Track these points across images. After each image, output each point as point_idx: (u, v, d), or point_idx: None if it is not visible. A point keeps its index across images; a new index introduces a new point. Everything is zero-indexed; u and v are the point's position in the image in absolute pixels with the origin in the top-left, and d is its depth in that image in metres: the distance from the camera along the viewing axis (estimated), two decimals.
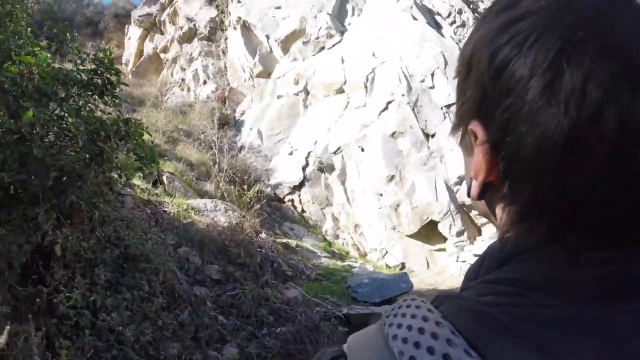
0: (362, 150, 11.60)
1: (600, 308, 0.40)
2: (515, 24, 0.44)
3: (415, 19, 12.74)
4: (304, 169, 12.33)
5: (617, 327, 0.39)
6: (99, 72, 3.49)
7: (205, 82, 17.09)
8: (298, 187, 12.26)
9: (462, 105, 0.50)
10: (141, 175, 5.12)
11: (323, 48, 14.72)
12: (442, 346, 0.40)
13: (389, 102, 11.58)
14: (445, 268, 9.68)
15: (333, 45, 14.44)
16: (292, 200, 12.34)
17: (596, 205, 0.41)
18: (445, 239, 10.34)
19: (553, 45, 0.41)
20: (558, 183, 0.41)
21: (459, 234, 10.08)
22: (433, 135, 11.11)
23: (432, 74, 11.60)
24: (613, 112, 0.39)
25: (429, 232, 10.47)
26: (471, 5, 13.36)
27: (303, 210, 12.28)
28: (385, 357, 0.43)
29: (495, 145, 0.45)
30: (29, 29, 3.71)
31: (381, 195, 11.05)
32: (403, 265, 10.36)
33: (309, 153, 12.52)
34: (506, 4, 0.47)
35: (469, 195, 0.52)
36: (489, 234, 9.80)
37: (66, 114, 3.24)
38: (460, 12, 13.24)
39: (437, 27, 12.90)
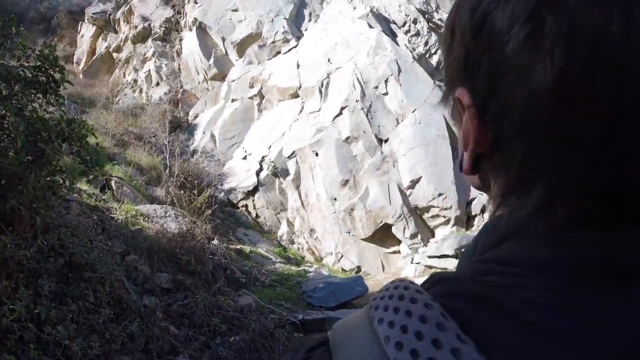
0: (317, 154, 11.64)
1: (600, 292, 0.37)
2: None
3: (371, 26, 12.95)
4: (258, 173, 12.23)
5: (621, 313, 0.36)
6: (43, 69, 3.29)
7: (158, 84, 16.63)
8: (252, 192, 12.13)
9: (448, 70, 0.47)
10: (87, 179, 4.89)
11: (279, 52, 14.69)
12: (431, 330, 0.36)
13: (343, 108, 11.70)
14: (400, 270, 9.86)
15: (289, 50, 14.44)
16: (246, 206, 12.20)
17: (591, 175, 0.37)
18: (399, 242, 10.54)
19: None
20: (549, 147, 0.38)
21: (413, 236, 10.31)
22: (386, 141, 11.31)
23: (386, 81, 11.82)
24: (606, 58, 0.35)
25: (383, 236, 10.64)
26: (426, 15, 13.74)
27: (257, 216, 12.16)
28: (371, 342, 0.39)
29: (482, 109, 0.42)
30: None
31: (335, 199, 11.12)
32: (359, 269, 10.46)
33: (263, 157, 12.43)
34: None
35: (461, 170, 0.48)
36: (442, 236, 10.06)
37: (7, 113, 3.04)
38: (415, 21, 13.59)
39: (392, 35, 13.17)
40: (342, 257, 10.78)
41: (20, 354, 3.03)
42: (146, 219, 7.08)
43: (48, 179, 3.67)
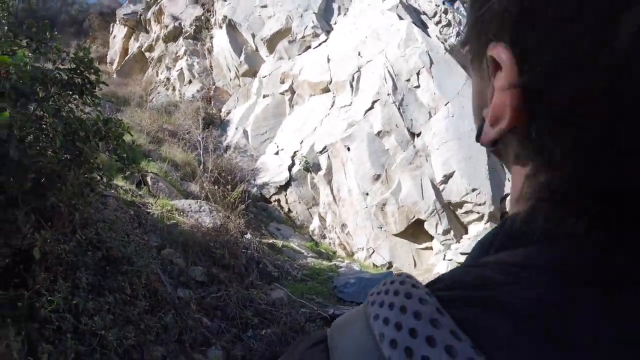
0: (348, 149, 11.61)
1: (599, 293, 0.36)
2: None
3: (401, 18, 12.78)
4: (290, 168, 12.31)
5: (620, 314, 0.35)
6: (78, 71, 3.42)
7: (190, 82, 16.96)
8: (284, 187, 12.23)
9: (484, 14, 0.40)
10: (123, 176, 5.05)
11: (309, 47, 14.70)
12: (425, 327, 0.36)
13: (375, 101, 11.60)
14: (432, 266, 9.73)
15: (319, 45, 14.43)
16: (279, 200, 12.31)
17: (591, 175, 0.35)
18: (431, 238, 10.40)
19: None
20: (604, 139, 0.34)
21: (445, 232, 10.15)
22: (419, 134, 11.16)
23: (418, 73, 11.65)
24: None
25: (415, 231, 10.52)
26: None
27: (289, 210, 12.25)
28: (367, 340, 0.38)
29: (531, 90, 0.37)
30: (5, 27, 3.63)
31: (367, 194, 11.07)
32: (390, 264, 10.40)
33: (295, 152, 12.50)
34: None
35: (478, 139, 0.44)
36: (475, 232, 9.88)
37: (45, 114, 3.18)
38: (445, 11, 13.32)
39: (423, 26, 12.95)
40: (373, 252, 10.74)
41: (58, 343, 3.17)
42: (181, 213, 7.26)
43: (86, 176, 3.81)
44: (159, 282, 4.67)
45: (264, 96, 14.70)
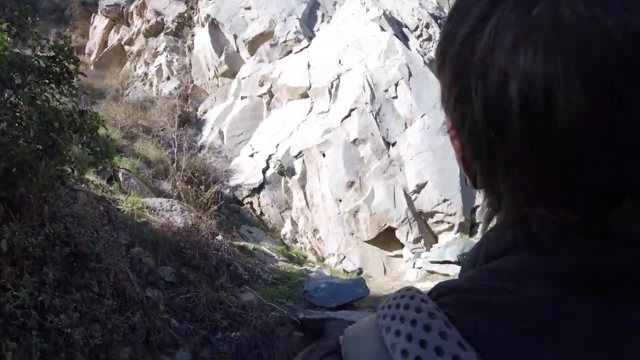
0: (324, 155, 11.64)
1: (597, 300, 0.38)
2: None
3: (383, 29, 12.94)
4: (264, 171, 12.25)
5: (619, 323, 0.37)
6: (57, 59, 3.32)
7: (168, 78, 16.68)
8: (258, 189, 12.15)
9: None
10: (95, 170, 4.93)
11: (290, 52, 14.70)
12: (434, 339, 0.39)
13: (352, 110, 11.69)
14: (402, 274, 9.84)
15: (300, 50, 14.44)
16: (251, 203, 12.22)
17: (591, 177, 0.38)
18: (402, 246, 10.52)
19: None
20: (508, 160, 0.40)
21: (416, 241, 10.28)
22: (394, 144, 11.30)
23: (396, 85, 11.80)
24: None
25: (386, 239, 10.62)
26: (438, 21, 13.71)
27: (262, 214, 12.18)
28: (379, 351, 0.42)
29: (457, 126, 0.45)
30: None
31: (340, 200, 11.12)
32: (360, 271, 10.45)
33: (270, 156, 12.45)
34: None
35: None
36: (445, 242, 10.04)
37: (21, 102, 3.07)
38: (427, 26, 13.56)
39: (404, 39, 13.14)
40: (344, 258, 10.78)
41: (22, 340, 3.05)
42: (152, 211, 7.12)
43: (57, 168, 3.70)
44: (127, 281, 4.57)
45: (242, 98, 14.60)
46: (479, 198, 10.65)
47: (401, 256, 10.56)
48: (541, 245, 0.41)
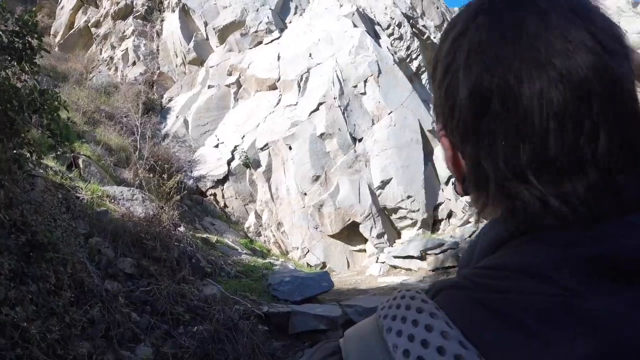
0: (290, 148, 11.60)
1: (598, 294, 0.38)
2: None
3: (355, 25, 12.97)
4: (229, 162, 12.09)
5: (618, 320, 0.37)
6: (21, 34, 3.14)
7: (134, 63, 16.14)
8: (222, 181, 11.99)
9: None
10: (55, 155, 4.71)
11: (260, 42, 14.54)
12: (436, 339, 0.39)
13: (321, 104, 11.69)
14: (365, 268, 9.95)
15: (271, 41, 14.30)
16: (215, 195, 12.05)
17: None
18: (365, 240, 10.64)
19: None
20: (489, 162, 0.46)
21: (380, 235, 10.42)
22: (360, 140, 11.38)
23: (365, 81, 11.88)
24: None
25: (350, 233, 10.71)
26: (411, 20, 13.86)
27: (225, 206, 12.03)
28: (380, 350, 0.42)
29: (448, 118, 0.50)
30: None
31: (305, 194, 11.12)
32: (324, 265, 10.51)
33: (235, 147, 12.30)
34: None
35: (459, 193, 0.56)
36: (408, 237, 10.22)
37: None
38: (399, 25, 13.68)
39: (376, 36, 13.22)
40: (308, 252, 10.80)
41: None
42: (112, 200, 6.89)
43: (15, 151, 3.52)
44: (86, 273, 4.40)
45: (209, 87, 14.34)
46: (442, 196, 10.88)
47: (364, 251, 10.68)
48: (540, 240, 0.43)
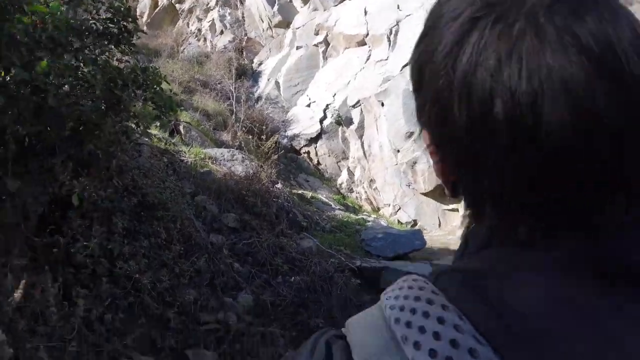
0: (382, 105, 11.40)
1: (591, 292, 0.37)
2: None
3: None
4: (321, 121, 12.23)
5: (609, 323, 0.36)
6: (114, 20, 3.42)
7: (222, 32, 16.72)
8: (315, 139, 12.21)
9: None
10: (158, 124, 5.12)
11: None
12: (449, 332, 0.38)
13: None
14: (457, 228, 9.68)
15: None
16: (309, 152, 12.34)
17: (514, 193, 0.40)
18: (459, 200, 10.27)
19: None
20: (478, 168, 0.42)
21: None
22: None
23: None
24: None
25: (443, 192, 10.34)
26: None
27: (319, 163, 12.29)
28: (388, 341, 0.41)
29: (437, 141, 0.47)
30: None
31: (398, 151, 10.94)
32: (415, 222, 10.40)
33: (327, 105, 12.37)
34: None
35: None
36: None
37: (82, 64, 3.22)
38: None
39: None
40: (399, 209, 10.74)
41: (93, 287, 3.30)
42: (214, 161, 7.36)
43: (122, 124, 3.89)
44: (193, 228, 4.82)
45: (297, 48, 14.43)
46: None
47: (457, 210, 10.35)
48: (530, 240, 0.41)
